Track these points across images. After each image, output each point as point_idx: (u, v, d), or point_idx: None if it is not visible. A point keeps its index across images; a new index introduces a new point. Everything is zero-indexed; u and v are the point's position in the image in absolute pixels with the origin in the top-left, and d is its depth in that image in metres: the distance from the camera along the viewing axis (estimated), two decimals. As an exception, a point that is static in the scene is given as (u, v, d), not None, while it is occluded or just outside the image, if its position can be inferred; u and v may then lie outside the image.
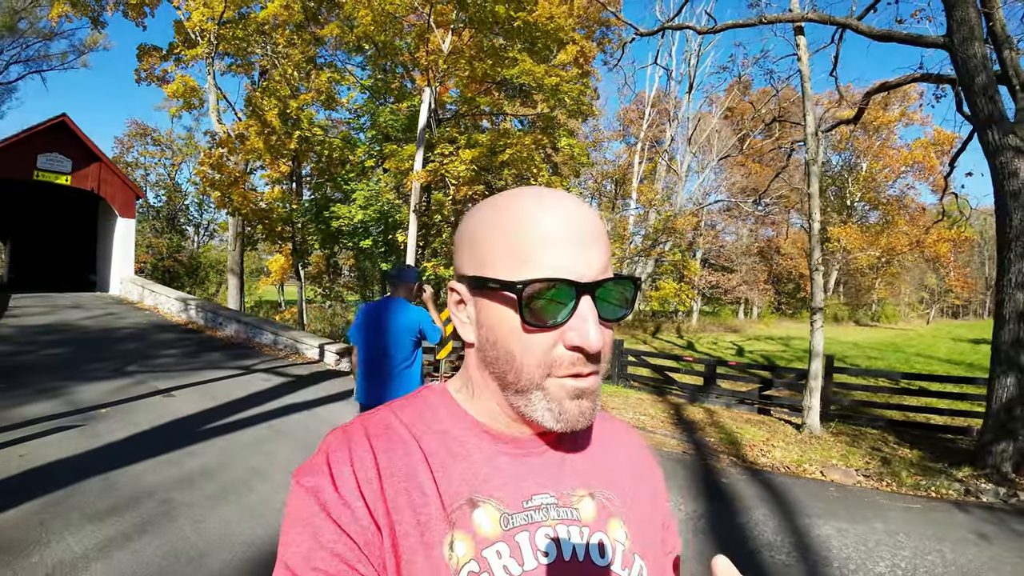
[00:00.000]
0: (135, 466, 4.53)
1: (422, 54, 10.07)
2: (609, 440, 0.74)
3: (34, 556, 3.12)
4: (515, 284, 0.54)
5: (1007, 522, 4.53)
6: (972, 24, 6.43)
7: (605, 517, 0.65)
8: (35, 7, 20.61)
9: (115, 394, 6.85)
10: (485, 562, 0.56)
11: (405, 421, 0.62)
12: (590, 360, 0.56)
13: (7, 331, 11.22)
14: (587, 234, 0.56)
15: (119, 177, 19.35)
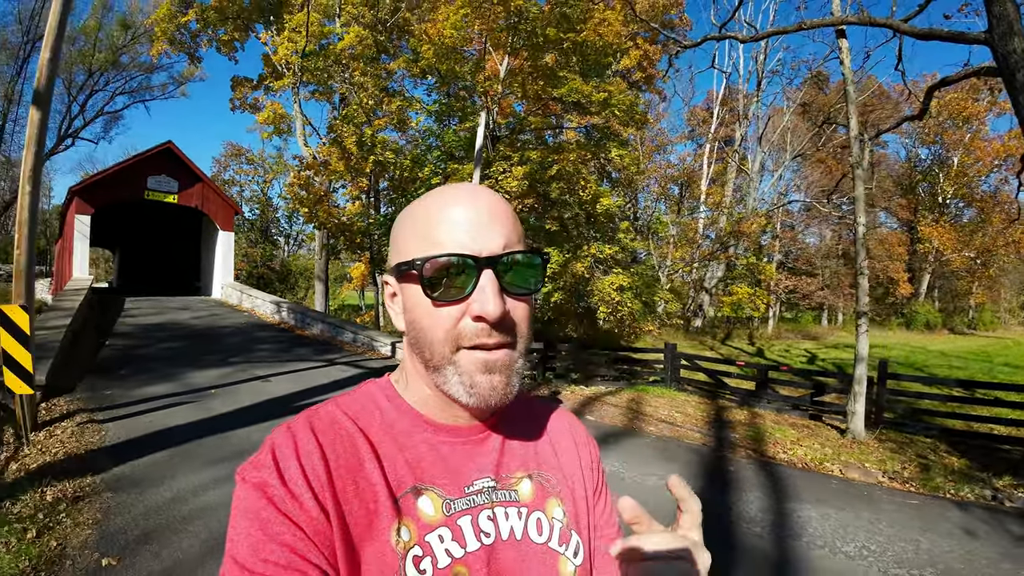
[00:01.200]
0: (240, 430, 5.70)
1: (480, 79, 11.07)
2: (545, 423, 0.77)
3: (163, 487, 4.22)
4: (415, 262, 0.58)
5: (1004, 523, 4.51)
6: (1011, 19, 6.28)
7: (543, 497, 0.69)
8: (135, 44, 23.16)
9: (222, 379, 8.21)
10: (428, 546, 0.59)
11: (350, 415, 0.64)
12: (496, 331, 0.58)
13: (126, 328, 13.16)
14: (488, 215, 0.59)
15: (219, 195, 21.72)
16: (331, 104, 19.17)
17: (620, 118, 12.36)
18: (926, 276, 37.34)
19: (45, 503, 3.81)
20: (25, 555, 3.15)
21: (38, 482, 4.13)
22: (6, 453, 4.92)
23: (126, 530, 3.48)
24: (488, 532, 0.63)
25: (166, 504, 3.88)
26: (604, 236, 12.64)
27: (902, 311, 36.46)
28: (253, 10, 18.10)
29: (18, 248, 5.35)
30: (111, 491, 4.06)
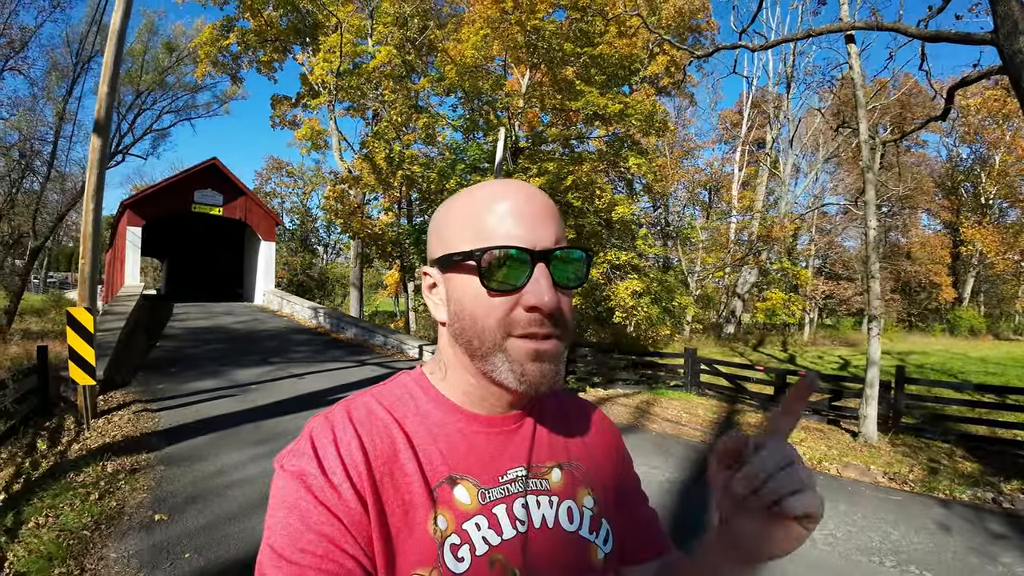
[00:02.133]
0: (276, 419, 6.32)
1: (501, 95, 11.59)
2: (574, 415, 0.79)
3: (208, 462, 4.84)
4: (474, 252, 0.59)
5: (985, 522, 4.54)
6: (1015, 18, 6.29)
7: (573, 486, 0.71)
8: (180, 65, 24.45)
9: (262, 376, 8.92)
10: (465, 534, 0.61)
11: (386, 405, 0.66)
12: (547, 321, 0.60)
13: (175, 331, 14.18)
14: (539, 211, 0.62)
15: (261, 207, 22.91)
16: (364, 119, 20.10)
17: (639, 127, 12.69)
18: (970, 280, 36.08)
19: (106, 474, 4.45)
20: (88, 513, 3.77)
21: (99, 458, 4.79)
22: (68, 437, 5.63)
23: (175, 494, 4.09)
24: (522, 520, 0.65)
25: (210, 475, 4.50)
26: (622, 243, 12.95)
27: (946, 317, 35.34)
28: (290, 32, 19.14)
29: (83, 258, 6.09)
30: (163, 465, 4.70)
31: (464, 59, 11.64)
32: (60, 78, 21.80)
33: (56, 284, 37.51)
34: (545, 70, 11.92)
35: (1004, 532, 4.34)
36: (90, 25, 21.44)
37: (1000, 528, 4.42)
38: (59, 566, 3.11)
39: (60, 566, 3.11)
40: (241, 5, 18.24)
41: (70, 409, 6.40)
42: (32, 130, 19.11)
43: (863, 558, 3.75)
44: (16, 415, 5.60)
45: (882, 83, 24.61)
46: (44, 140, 19.69)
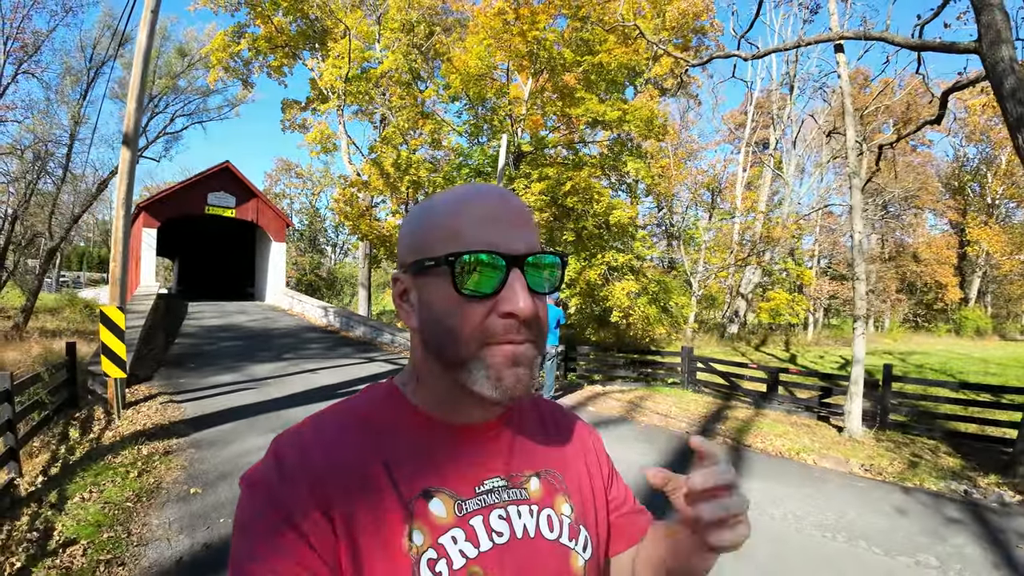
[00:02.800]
0: (290, 410, 6.80)
1: (504, 103, 12.04)
2: (551, 421, 0.79)
3: (232, 445, 5.33)
4: (447, 257, 0.58)
5: (942, 508, 4.76)
6: (999, 27, 6.40)
7: (551, 494, 0.70)
8: (191, 69, 24.99)
9: (277, 371, 9.42)
10: (442, 548, 0.60)
11: (356, 417, 0.65)
12: (523, 327, 0.59)
13: (191, 329, 14.76)
14: (512, 216, 0.61)
15: (272, 209, 23.50)
16: (373, 124, 20.62)
17: (640, 131, 13.10)
18: (976, 280, 36.12)
19: (141, 456, 4.94)
20: (129, 488, 4.25)
21: (133, 443, 5.28)
22: (99, 426, 6.10)
23: (206, 472, 4.58)
24: (500, 531, 0.64)
25: (235, 456, 4.99)
26: (621, 245, 13.32)
27: (952, 317, 35.40)
28: (300, 38, 19.64)
29: (114, 261, 6.59)
30: (193, 448, 5.20)
31: (468, 68, 12.13)
32: (74, 82, 22.46)
33: (69, 283, 38.17)
34: (547, 77, 12.37)
35: (960, 518, 4.60)
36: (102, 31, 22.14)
37: (957, 514, 4.67)
38: (107, 531, 3.58)
39: (108, 531, 3.58)
40: (252, 11, 18.77)
41: (97, 401, 6.89)
42: (47, 133, 19.74)
43: (817, 533, 4.10)
44: (49, 406, 6.09)
45: (886, 82, 24.84)
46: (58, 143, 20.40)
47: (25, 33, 19.54)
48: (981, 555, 3.89)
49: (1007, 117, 6.50)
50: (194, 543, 3.46)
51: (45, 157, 19.65)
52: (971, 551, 3.94)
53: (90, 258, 56.84)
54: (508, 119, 12.31)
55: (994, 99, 24.96)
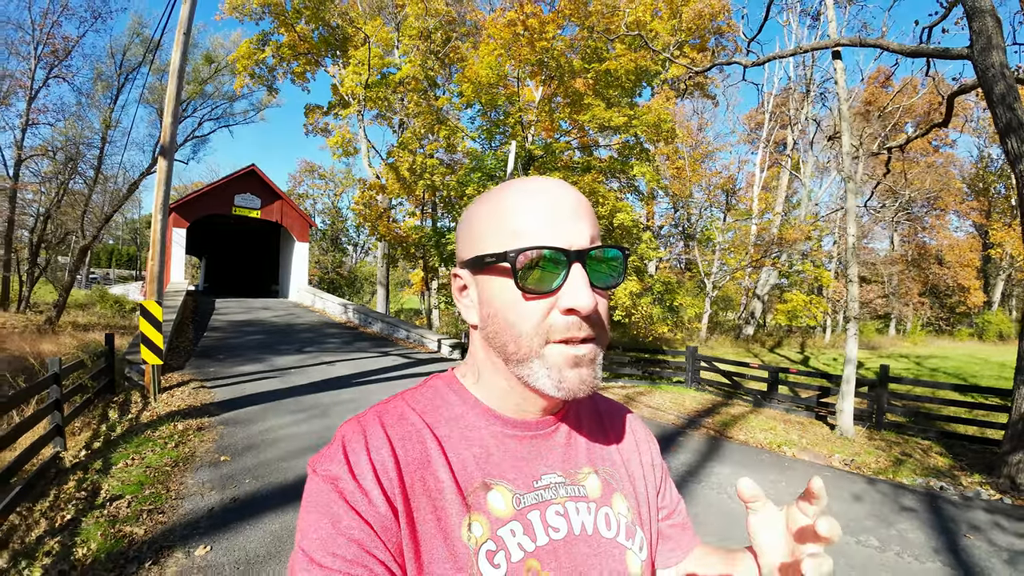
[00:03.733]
0: (310, 395, 7.44)
1: (514, 111, 12.61)
2: (609, 419, 0.80)
3: (257, 424, 5.95)
4: (508, 253, 0.57)
5: (899, 498, 5.00)
6: (990, 34, 6.48)
7: (609, 492, 0.71)
8: (218, 75, 25.88)
9: (298, 363, 10.09)
10: (501, 540, 0.60)
11: (418, 410, 0.66)
12: (585, 324, 0.58)
13: (219, 323, 15.61)
14: (572, 209, 0.60)
15: (296, 211, 24.39)
16: (392, 128, 21.31)
17: (648, 136, 13.53)
18: (1000, 283, 35.56)
19: (177, 431, 5.58)
20: (167, 455, 4.88)
21: (169, 421, 5.93)
22: (136, 408, 6.76)
23: (235, 445, 5.20)
24: (557, 527, 0.64)
25: (260, 433, 5.62)
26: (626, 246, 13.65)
27: (975, 321, 34.88)
28: (322, 45, 20.44)
29: (152, 260, 7.27)
30: (222, 425, 5.84)
31: (479, 78, 12.70)
32: (105, 88, 23.54)
33: (98, 280, 39.56)
34: (556, 84, 12.88)
35: (913, 507, 4.85)
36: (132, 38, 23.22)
37: (912, 504, 4.92)
38: (149, 488, 4.19)
39: (150, 488, 4.19)
40: (275, 20, 19.60)
41: (134, 387, 7.58)
42: (79, 136, 20.78)
43: None
44: (90, 390, 6.76)
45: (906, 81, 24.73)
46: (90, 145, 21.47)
47: (55, 39, 20.49)
48: (924, 540, 4.16)
49: (997, 123, 6.56)
50: (223, 498, 4.05)
51: (76, 159, 20.75)
52: (914, 536, 4.23)
53: (118, 255, 58.85)
54: (519, 125, 12.88)
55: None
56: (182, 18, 7.05)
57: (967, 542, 4.18)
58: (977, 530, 4.40)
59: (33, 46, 19.98)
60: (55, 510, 3.85)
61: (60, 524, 3.65)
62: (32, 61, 19.93)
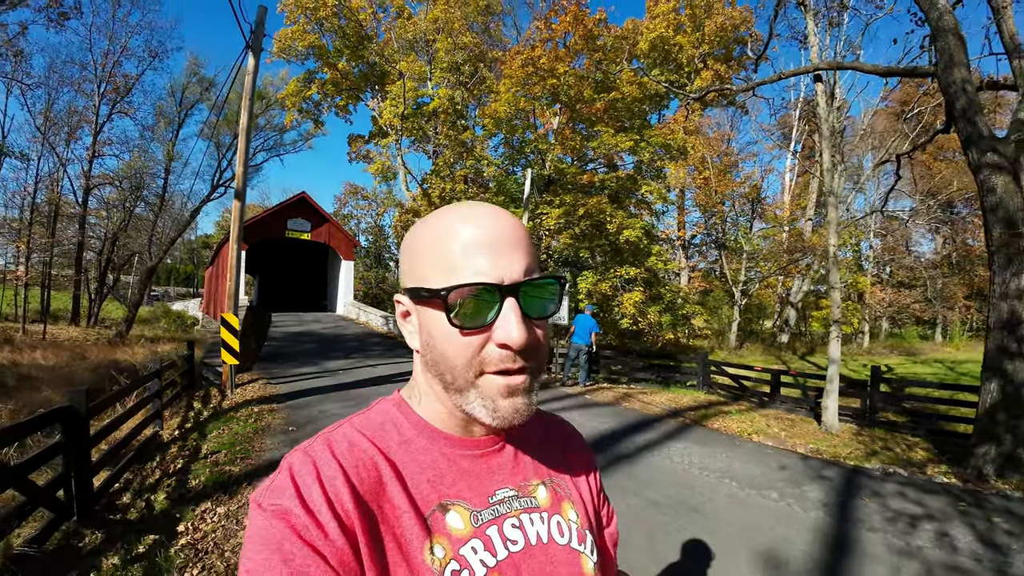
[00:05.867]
0: (355, 390, 9.06)
1: (529, 140, 14.12)
2: (550, 432, 0.83)
3: (314, 408, 7.57)
4: (440, 291, 0.58)
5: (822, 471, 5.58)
6: (951, 52, 6.76)
7: (558, 501, 0.73)
8: (268, 109, 28.20)
9: (345, 366, 11.81)
10: (463, 559, 0.61)
11: (368, 435, 0.65)
12: (519, 356, 0.59)
13: (276, 334, 17.71)
14: (506, 241, 0.60)
15: (342, 232, 26.62)
16: (427, 154, 23.19)
17: (654, 156, 14.79)
18: (1016, 285, 34.30)
19: (253, 412, 7.23)
20: (249, 427, 6.49)
21: (245, 406, 7.58)
22: (216, 400, 8.43)
23: (297, 420, 6.85)
24: (515, 539, 0.66)
25: (316, 413, 7.27)
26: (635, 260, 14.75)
27: None
28: (361, 81, 22.50)
29: (230, 281, 9.03)
30: (287, 409, 7.51)
31: (498, 114, 14.29)
32: (167, 124, 26.20)
33: (159, 297, 42.64)
34: (569, 113, 14.33)
35: (831, 477, 5.42)
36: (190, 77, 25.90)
37: (832, 475, 5.49)
38: (238, 447, 5.75)
39: (239, 447, 5.76)
40: (319, 60, 21.75)
41: (211, 386, 9.30)
42: (144, 166, 23.15)
43: (699, 472, 5.45)
44: (179, 385, 8.43)
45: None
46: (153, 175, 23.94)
47: (116, 77, 22.74)
48: (819, 498, 4.79)
49: (959, 135, 6.87)
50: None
51: (142, 187, 23.17)
52: (814, 495, 4.87)
53: (177, 274, 63.17)
54: (535, 153, 14.40)
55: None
56: (246, 87, 8.83)
57: (860, 503, 4.76)
58: (879, 496, 4.96)
59: (96, 84, 22.32)
60: (165, 464, 5.40)
61: (173, 471, 5.18)
62: (96, 98, 22.25)
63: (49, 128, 20.84)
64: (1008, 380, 5.94)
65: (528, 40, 15.02)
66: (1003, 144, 6.38)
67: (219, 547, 3.51)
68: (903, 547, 3.88)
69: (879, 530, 4.18)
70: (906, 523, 4.34)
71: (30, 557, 3.30)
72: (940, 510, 4.66)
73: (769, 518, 4.33)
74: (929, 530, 4.21)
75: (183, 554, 3.39)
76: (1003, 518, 4.50)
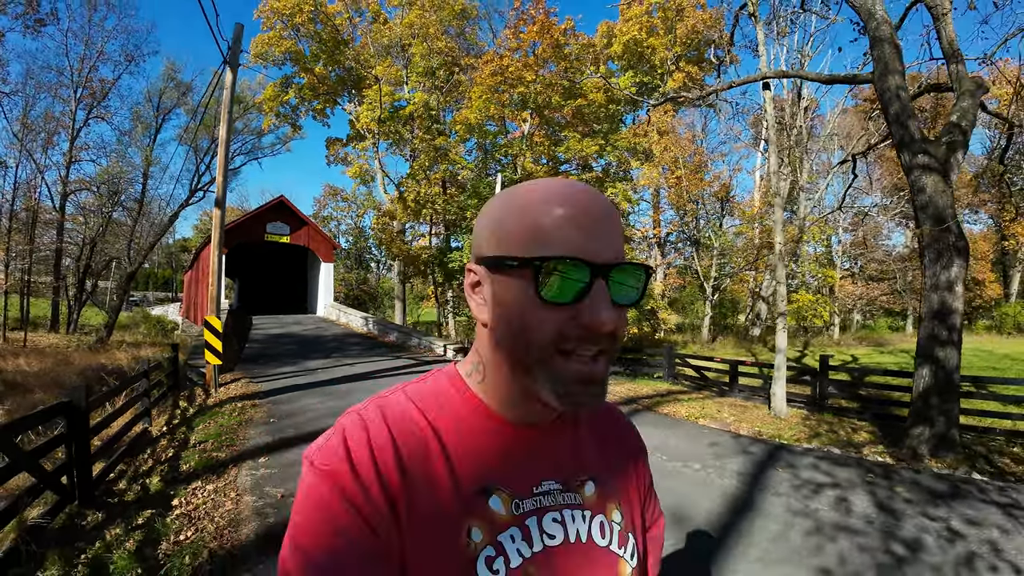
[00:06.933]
0: (333, 386, 9.61)
1: (500, 144, 14.76)
2: (605, 425, 0.80)
3: (293, 403, 8.12)
4: (533, 260, 0.55)
5: (747, 447, 6.13)
6: (887, 60, 7.06)
7: (604, 500, 0.71)
8: (246, 113, 28.41)
9: (325, 365, 12.34)
10: (500, 546, 0.60)
11: (420, 406, 0.64)
12: (600, 340, 0.57)
13: (258, 336, 18.19)
14: (601, 219, 0.58)
15: (321, 234, 27.01)
16: (404, 157, 23.71)
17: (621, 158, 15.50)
18: (1017, 276, 35.65)
19: (237, 407, 7.76)
20: (233, 420, 7.04)
21: (229, 402, 8.09)
22: (200, 398, 8.91)
23: (278, 413, 7.41)
24: (552, 534, 0.64)
25: (296, 407, 7.84)
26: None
27: (993, 314, 35.07)
28: (338, 85, 22.93)
29: (212, 285, 9.52)
30: (269, 403, 8.08)
31: (469, 120, 14.90)
32: (145, 129, 26.33)
33: (138, 302, 42.43)
34: (538, 119, 14.98)
35: (755, 452, 5.94)
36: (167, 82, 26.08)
37: (756, 450, 6.02)
38: (224, 437, 6.28)
39: (224, 437, 6.29)
40: (296, 65, 22.14)
41: (195, 386, 9.76)
42: (122, 172, 23.20)
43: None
44: (165, 385, 8.83)
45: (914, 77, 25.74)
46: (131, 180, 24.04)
47: (92, 82, 22.92)
48: (738, 468, 5.35)
49: (893, 138, 7.18)
50: (273, 438, 6.19)
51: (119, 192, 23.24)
52: (733, 466, 5.41)
53: (155, 279, 62.66)
54: (507, 158, 15.06)
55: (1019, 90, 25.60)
56: (224, 101, 9.31)
57: (774, 471, 5.28)
58: (793, 467, 5.48)
59: (73, 89, 22.45)
60: (157, 454, 5.89)
61: (165, 459, 5.68)
62: (72, 103, 22.36)
63: (26, 134, 20.85)
64: (940, 366, 6.26)
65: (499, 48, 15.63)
66: (935, 146, 6.72)
67: (209, 515, 4.06)
68: (800, 508, 4.39)
69: (783, 495, 4.75)
70: (810, 490, 4.89)
71: (42, 529, 3.82)
72: (847, 480, 5.14)
73: (686, 484, 4.97)
74: (831, 496, 4.69)
75: (177, 522, 3.94)
76: (907, 488, 4.94)
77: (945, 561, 3.56)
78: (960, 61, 7.14)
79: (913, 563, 3.54)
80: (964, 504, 4.58)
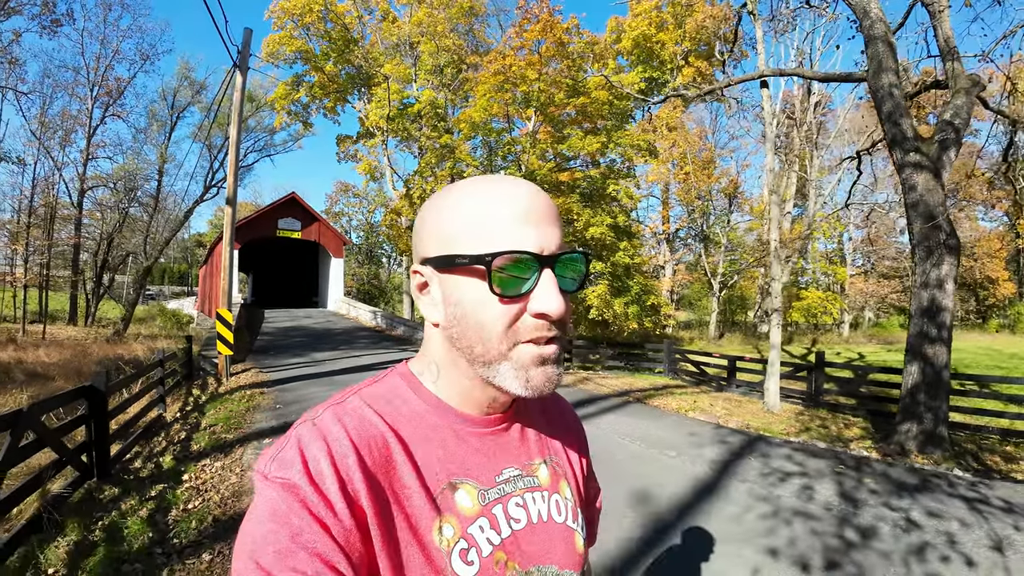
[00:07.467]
0: (340, 376, 9.98)
1: (504, 144, 15.03)
2: (549, 410, 0.83)
3: (300, 391, 8.49)
4: (484, 257, 0.57)
5: (726, 438, 6.27)
6: (881, 58, 7.13)
7: (557, 480, 0.75)
8: (258, 111, 28.88)
9: (332, 357, 12.71)
10: (471, 538, 0.62)
11: (377, 410, 0.64)
12: (553, 326, 0.60)
13: (269, 329, 18.65)
14: (545, 214, 0.60)
15: (331, 230, 27.51)
16: (412, 153, 24.05)
17: (626, 155, 15.70)
18: (1027, 272, 35.27)
19: (246, 395, 8.13)
20: (242, 406, 7.41)
21: (239, 390, 8.47)
22: (213, 386, 9.29)
23: (285, 400, 7.78)
24: (517, 518, 0.67)
25: (302, 395, 8.21)
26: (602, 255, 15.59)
27: (1005, 312, 34.73)
28: (348, 83, 23.24)
29: (224, 280, 9.90)
30: (276, 392, 8.44)
31: (474, 119, 15.20)
32: (160, 127, 26.91)
33: (154, 296, 43.27)
34: (541, 116, 15.23)
35: (732, 442, 6.10)
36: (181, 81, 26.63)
37: (733, 440, 6.19)
38: (233, 420, 6.65)
39: (233, 420, 6.65)
40: (307, 64, 22.52)
41: (207, 375, 10.16)
42: (138, 169, 23.83)
43: (616, 436, 6.37)
44: (179, 374, 9.25)
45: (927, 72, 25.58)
46: (147, 177, 24.66)
47: (108, 80, 23.64)
48: (713, 456, 5.54)
49: (885, 136, 7.23)
50: (278, 422, 6.56)
51: (136, 188, 23.88)
52: (709, 454, 5.63)
53: (171, 273, 63.73)
54: (510, 156, 15.32)
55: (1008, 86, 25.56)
56: (235, 103, 9.67)
57: (745, 459, 5.47)
58: (766, 457, 5.62)
59: (89, 88, 23.12)
60: (170, 436, 6.28)
61: (177, 440, 6.07)
62: (89, 101, 23.03)
63: (44, 132, 21.44)
64: (928, 363, 6.31)
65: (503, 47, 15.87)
66: (926, 144, 6.76)
67: (216, 487, 4.42)
68: (763, 495, 4.52)
69: (749, 481, 4.92)
70: (777, 478, 5.03)
71: (63, 500, 4.18)
72: (816, 470, 5.25)
73: (658, 469, 5.22)
74: (796, 484, 4.81)
75: (186, 493, 4.29)
76: (875, 480, 5.02)
77: (895, 549, 3.63)
78: (956, 59, 7.16)
79: (862, 549, 3.64)
80: (929, 497, 4.65)
